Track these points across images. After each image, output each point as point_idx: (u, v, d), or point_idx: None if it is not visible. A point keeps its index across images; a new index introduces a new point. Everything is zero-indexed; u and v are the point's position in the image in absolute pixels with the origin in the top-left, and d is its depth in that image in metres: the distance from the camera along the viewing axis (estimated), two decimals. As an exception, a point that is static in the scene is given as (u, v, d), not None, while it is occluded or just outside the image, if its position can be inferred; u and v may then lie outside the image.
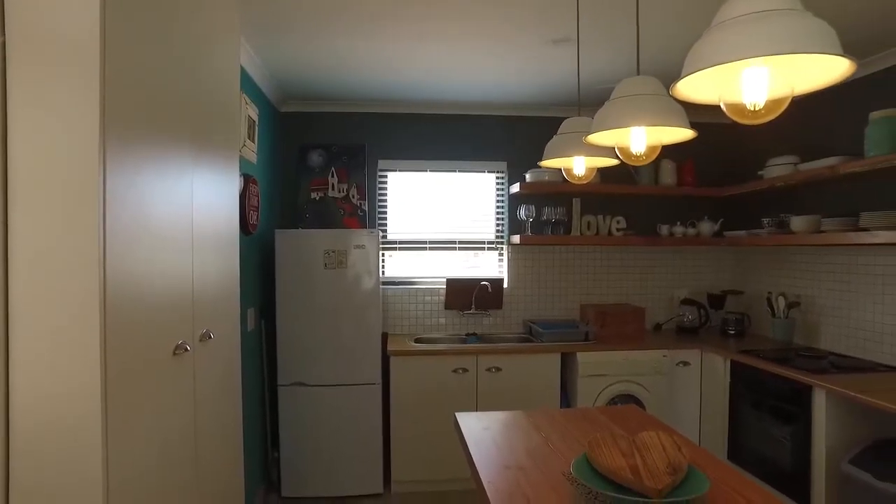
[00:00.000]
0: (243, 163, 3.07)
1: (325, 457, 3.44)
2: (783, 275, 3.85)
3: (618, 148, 1.70)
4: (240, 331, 2.19)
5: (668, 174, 4.08)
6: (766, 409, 3.05)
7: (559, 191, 3.96)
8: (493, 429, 2.03)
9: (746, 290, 4.22)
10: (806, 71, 1.15)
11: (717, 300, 4.14)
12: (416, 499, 3.46)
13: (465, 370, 3.50)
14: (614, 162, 2.05)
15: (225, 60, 1.97)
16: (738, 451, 3.29)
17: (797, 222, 3.29)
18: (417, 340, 3.84)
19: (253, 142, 3.19)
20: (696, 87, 1.22)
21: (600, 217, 4.14)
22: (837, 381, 2.62)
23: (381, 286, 3.69)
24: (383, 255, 4.12)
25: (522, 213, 4.01)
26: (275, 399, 3.50)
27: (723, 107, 1.19)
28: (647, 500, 1.35)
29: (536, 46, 2.95)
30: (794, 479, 2.83)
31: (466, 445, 1.87)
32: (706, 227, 4.09)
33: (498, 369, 3.52)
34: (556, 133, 2.21)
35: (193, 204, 1.67)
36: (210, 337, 1.78)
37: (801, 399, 2.78)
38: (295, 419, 3.42)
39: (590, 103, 3.93)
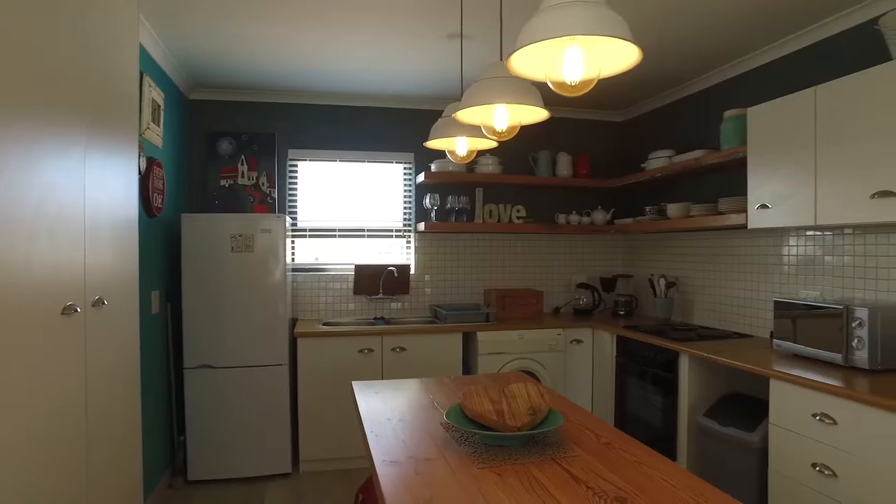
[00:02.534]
0: (148, 146, 3.07)
1: (232, 439, 3.48)
2: (663, 258, 4.24)
3: (483, 126, 1.90)
4: (138, 311, 2.23)
5: (565, 166, 4.38)
6: (645, 378, 3.38)
7: (463, 181, 4.18)
8: (385, 392, 2.19)
9: (635, 273, 4.61)
10: (609, 57, 1.39)
11: (608, 283, 4.49)
12: (325, 477, 3.56)
13: (370, 350, 3.64)
14: (492, 144, 2.26)
15: (121, 37, 2.01)
16: (624, 418, 3.62)
17: (672, 209, 3.66)
18: (326, 324, 3.94)
19: (158, 126, 3.19)
20: (527, 64, 1.43)
21: (501, 206, 4.40)
22: (698, 347, 2.96)
23: (290, 272, 3.76)
24: (293, 242, 4.18)
25: (428, 201, 4.20)
26: (181, 382, 3.50)
27: (549, 83, 1.40)
28: (505, 433, 1.56)
29: (434, 41, 3.13)
30: (664, 435, 3.17)
31: (358, 407, 2.02)
32: (599, 215, 4.43)
33: (402, 349, 3.68)
34: (446, 120, 2.39)
35: (86, 181, 1.72)
36: (103, 303, 1.83)
37: (671, 366, 3.12)
38: (202, 402, 3.43)
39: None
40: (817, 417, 2.21)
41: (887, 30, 2.36)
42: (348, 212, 4.32)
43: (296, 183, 4.24)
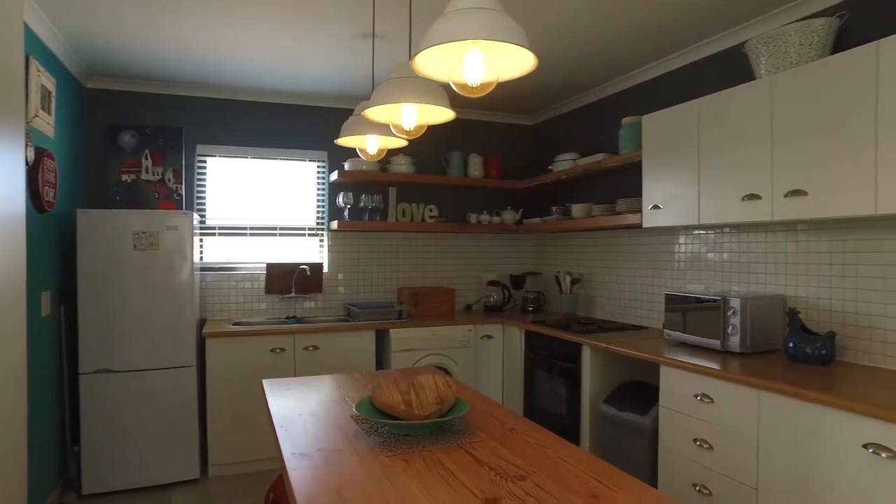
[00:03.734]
0: (38, 135, 2.88)
1: (134, 446, 3.32)
2: (569, 255, 4.47)
3: (392, 125, 1.95)
4: (25, 314, 2.10)
5: (477, 167, 4.51)
6: (552, 370, 3.56)
7: (376, 180, 4.21)
8: (296, 390, 2.19)
9: (543, 270, 4.82)
10: (508, 62, 1.49)
11: (518, 281, 4.67)
12: (235, 480, 3.48)
13: (282, 349, 3.59)
14: (403, 143, 2.31)
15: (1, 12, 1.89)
16: (533, 408, 3.79)
17: (576, 209, 3.87)
18: (237, 324, 3.85)
19: (49, 114, 3.00)
20: (432, 65, 1.50)
21: (415, 205, 4.47)
22: (599, 339, 3.16)
23: (199, 271, 3.64)
24: (202, 240, 4.05)
25: (341, 200, 4.20)
26: (75, 389, 3.30)
27: (452, 83, 1.48)
28: (413, 422, 1.61)
29: (348, 39, 3.14)
30: (570, 423, 3.35)
31: (268, 405, 2.01)
32: (509, 215, 4.59)
33: (315, 347, 3.66)
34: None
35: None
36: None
37: (575, 357, 3.30)
38: (100, 409, 3.26)
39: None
40: (698, 398, 2.43)
41: (752, 53, 2.63)
42: (260, 210, 4.23)
43: (204, 179, 4.10)
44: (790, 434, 2.06)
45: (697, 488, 2.43)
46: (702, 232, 3.26)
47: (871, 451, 1.81)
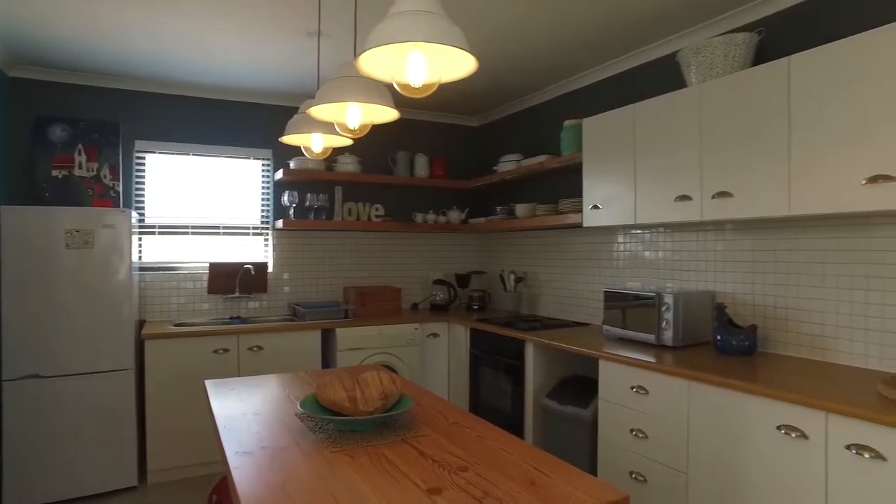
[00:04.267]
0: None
1: (66, 455, 3.19)
2: (513, 254, 4.57)
3: (337, 124, 1.97)
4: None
5: (423, 167, 4.55)
6: (497, 367, 3.63)
7: (322, 178, 4.18)
8: (240, 390, 2.17)
9: (488, 269, 4.91)
10: (450, 64, 1.53)
11: (463, 280, 4.74)
12: (176, 486, 3.40)
13: (226, 350, 3.53)
14: (348, 141, 2.33)
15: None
16: (479, 405, 3.86)
17: (520, 209, 3.96)
18: (178, 325, 3.75)
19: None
20: (375, 66, 1.53)
21: (361, 204, 4.47)
22: (542, 336, 3.25)
23: (137, 271, 3.53)
24: (140, 239, 3.92)
25: (287, 199, 4.15)
26: None
27: (395, 84, 1.52)
28: (358, 418, 1.64)
29: (294, 37, 3.12)
30: (514, 418, 3.44)
31: (211, 406, 1.98)
32: (455, 215, 4.65)
33: (260, 348, 3.62)
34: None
35: None
36: None
37: (519, 354, 3.39)
38: (27, 417, 3.11)
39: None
40: (634, 390, 2.55)
41: (683, 62, 2.78)
42: (203, 209, 4.13)
43: (143, 177, 3.98)
44: (716, 420, 2.19)
45: (634, 476, 2.54)
46: (639, 231, 3.41)
47: (783, 431, 1.95)
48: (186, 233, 4.08)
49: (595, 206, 3.20)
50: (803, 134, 2.18)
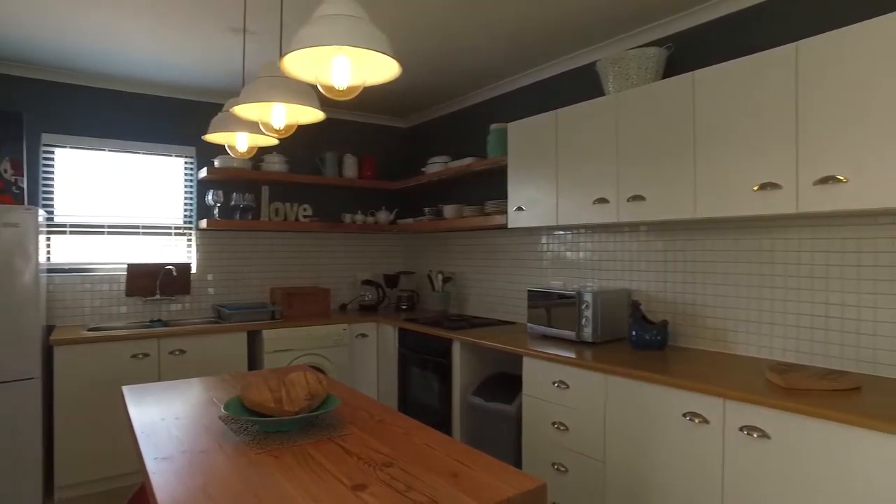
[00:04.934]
0: None
1: (-36, 469, 2.97)
2: (441, 255, 4.65)
3: (262, 123, 1.96)
4: None
5: (351, 168, 4.54)
6: (425, 365, 3.68)
7: (248, 178, 4.10)
8: (160, 395, 2.11)
9: (416, 270, 4.95)
10: (374, 68, 1.57)
11: (392, 280, 4.76)
12: (88, 501, 3.23)
13: (145, 355, 3.40)
14: (273, 141, 2.31)
15: None
16: (407, 403, 3.89)
17: (448, 210, 4.03)
18: (92, 330, 3.57)
19: None
20: (300, 67, 1.54)
21: (288, 204, 4.40)
22: (469, 334, 3.32)
23: (45, 273, 3.33)
24: (49, 239, 3.70)
25: (211, 198, 4.04)
26: None
27: (319, 86, 1.54)
28: (283, 418, 1.64)
29: (218, 32, 3.05)
30: (442, 415, 3.50)
31: (128, 412, 1.92)
32: (383, 215, 4.67)
33: (182, 351, 3.50)
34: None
35: None
36: None
37: (446, 352, 3.45)
38: (-81, 430, 2.88)
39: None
40: (556, 384, 2.67)
41: (601, 71, 2.93)
42: (120, 207, 3.95)
43: (52, 172, 3.75)
44: (630, 410, 2.33)
45: (556, 467, 2.66)
46: (561, 232, 3.55)
47: (688, 418, 2.11)
48: (102, 232, 3.89)
49: (519, 208, 3.31)
50: (706, 143, 2.35)
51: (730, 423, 1.98)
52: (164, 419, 1.80)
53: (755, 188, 2.18)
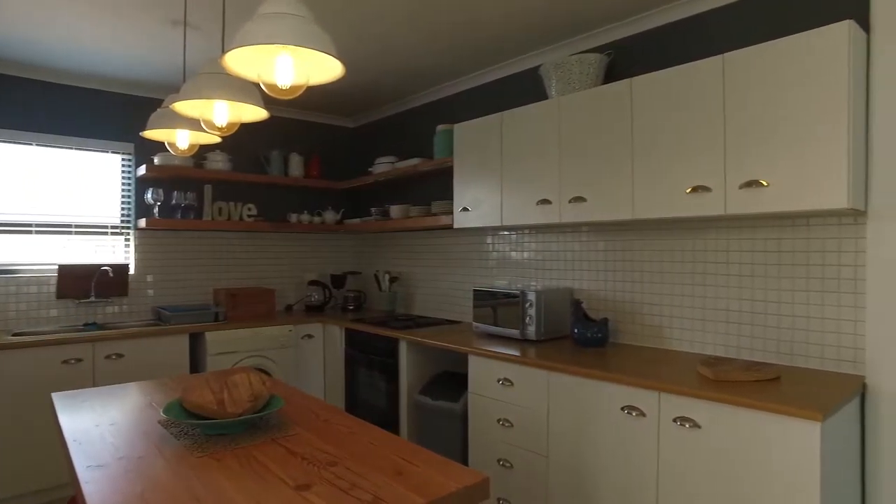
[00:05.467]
0: None
1: None
2: (388, 255, 4.65)
3: (203, 120, 1.92)
4: None
5: (297, 167, 4.49)
6: (372, 366, 3.68)
7: (190, 176, 3.99)
8: (94, 401, 2.04)
9: (363, 270, 4.94)
10: (317, 68, 1.57)
11: (339, 280, 4.73)
12: (16, 512, 3.08)
13: (78, 360, 3.25)
14: (216, 139, 2.27)
15: None
16: (355, 404, 3.88)
17: (394, 210, 4.04)
18: (17, 335, 3.39)
19: None
20: (243, 64, 1.53)
21: (232, 204, 4.31)
22: (415, 334, 3.34)
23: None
24: (-31, 239, 3.50)
25: (150, 196, 3.91)
26: None
27: (261, 84, 1.52)
28: (225, 420, 1.61)
29: (157, 24, 2.96)
30: (390, 415, 3.50)
31: (58, 420, 1.85)
32: (330, 215, 4.63)
33: (120, 355, 3.38)
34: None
35: None
36: None
37: (393, 352, 3.46)
38: None
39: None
40: (500, 382, 2.72)
41: (545, 75, 3.01)
42: (50, 205, 3.76)
43: (-27, 169, 3.55)
44: (571, 406, 2.41)
45: (501, 463, 2.71)
46: (506, 233, 3.62)
47: (626, 412, 2.20)
48: (30, 231, 3.70)
49: (465, 209, 3.36)
50: (643, 147, 2.46)
51: (664, 415, 2.08)
52: (98, 426, 1.74)
53: (688, 191, 2.29)
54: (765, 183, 2.08)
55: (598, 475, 2.30)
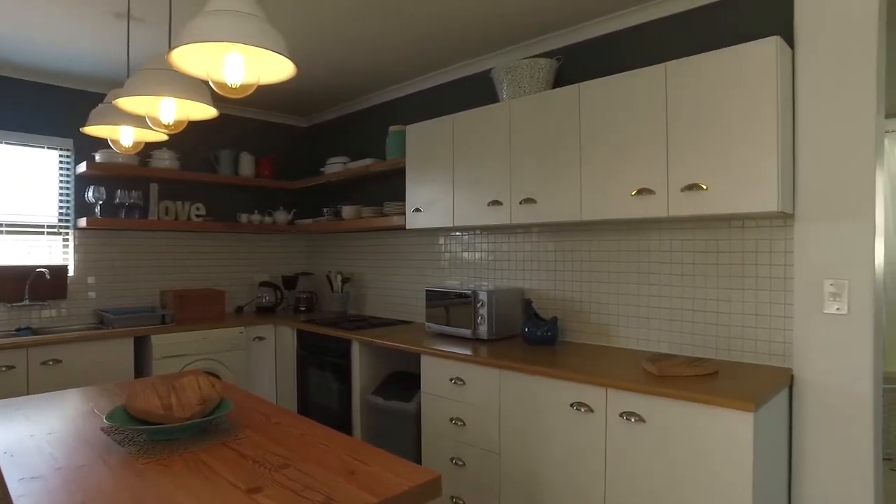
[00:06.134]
0: None
1: None
2: (340, 256, 4.62)
3: (149, 117, 1.87)
4: None
5: (248, 166, 4.40)
6: (325, 367, 3.65)
7: (135, 174, 3.86)
8: (28, 409, 1.96)
9: (315, 271, 4.89)
10: (268, 67, 1.56)
11: (290, 281, 4.67)
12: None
13: (10, 367, 3.10)
14: (162, 136, 2.20)
15: None
16: (307, 406, 3.84)
17: (347, 211, 4.02)
18: (-54, 341, 3.21)
19: None
20: (191, 61, 1.49)
21: (180, 203, 4.19)
22: (368, 334, 3.34)
23: None
24: None
25: (91, 195, 3.77)
26: None
27: (210, 82, 1.50)
28: (172, 425, 1.58)
29: (99, 15, 2.85)
30: (343, 416, 3.49)
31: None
32: (281, 215, 4.57)
33: (57, 361, 3.24)
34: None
35: None
36: None
37: (345, 353, 3.44)
38: None
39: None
40: (453, 381, 2.75)
41: (496, 79, 3.06)
42: (-22, 204, 3.58)
43: None
44: (522, 403, 2.46)
45: (454, 461, 2.74)
46: (458, 233, 3.66)
47: (575, 408, 2.26)
48: (-41, 232, 3.51)
49: (417, 210, 3.37)
50: (590, 151, 2.53)
51: (612, 411, 2.15)
52: (33, 436, 1.68)
53: (633, 193, 2.38)
54: (704, 186, 2.18)
55: (549, 470, 2.36)
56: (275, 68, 1.55)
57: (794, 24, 2.22)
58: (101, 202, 3.81)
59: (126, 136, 2.19)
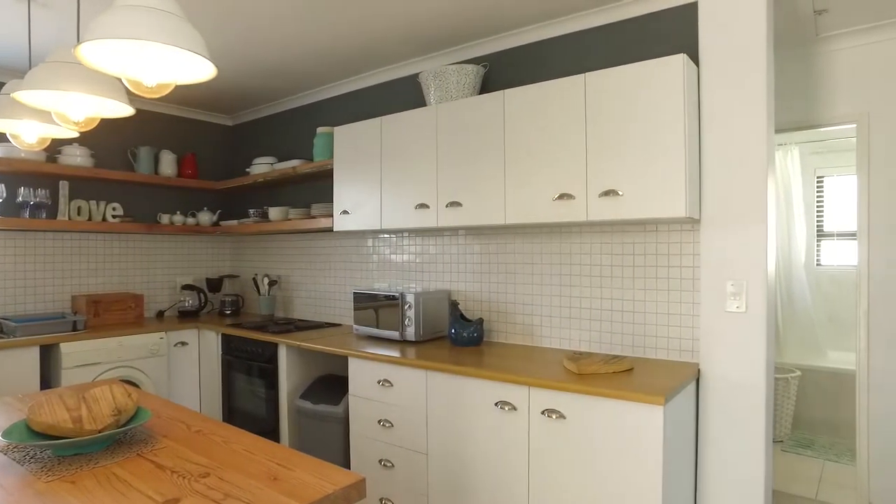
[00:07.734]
0: None
1: None
2: (267, 258, 4.53)
3: (55, 113, 1.76)
4: None
5: (169, 165, 4.23)
6: (251, 372, 3.57)
7: (41, 171, 3.63)
8: (-77, 423, 1.82)
9: (241, 273, 4.76)
10: (187, 67, 1.51)
11: (215, 284, 4.53)
12: None
13: None
14: (72, 133, 2.08)
15: None
16: (233, 412, 3.73)
17: (273, 212, 3.95)
18: None
19: None
20: (103, 56, 1.42)
21: (94, 203, 3.97)
22: (295, 337, 3.29)
23: None
24: None
25: (-9, 193, 3.51)
26: None
27: (124, 81, 1.44)
28: (80, 439, 1.51)
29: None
30: (270, 422, 3.42)
31: None
32: (205, 216, 4.42)
33: (-47, 373, 3.01)
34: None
35: None
36: None
37: (272, 357, 3.38)
38: None
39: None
40: (380, 383, 2.76)
41: (424, 83, 3.09)
42: None
43: None
44: (449, 403, 2.50)
45: (383, 463, 2.75)
46: (386, 236, 3.67)
47: (499, 407, 2.33)
48: None
49: (345, 212, 3.36)
50: (514, 156, 2.61)
51: (534, 408, 2.23)
52: (-72, 452, 1.56)
53: (554, 198, 2.47)
54: (620, 193, 2.30)
55: (476, 468, 2.41)
56: (193, 68, 1.51)
57: (698, 45, 2.38)
58: (2, 200, 3.56)
59: (28, 132, 2.06)
